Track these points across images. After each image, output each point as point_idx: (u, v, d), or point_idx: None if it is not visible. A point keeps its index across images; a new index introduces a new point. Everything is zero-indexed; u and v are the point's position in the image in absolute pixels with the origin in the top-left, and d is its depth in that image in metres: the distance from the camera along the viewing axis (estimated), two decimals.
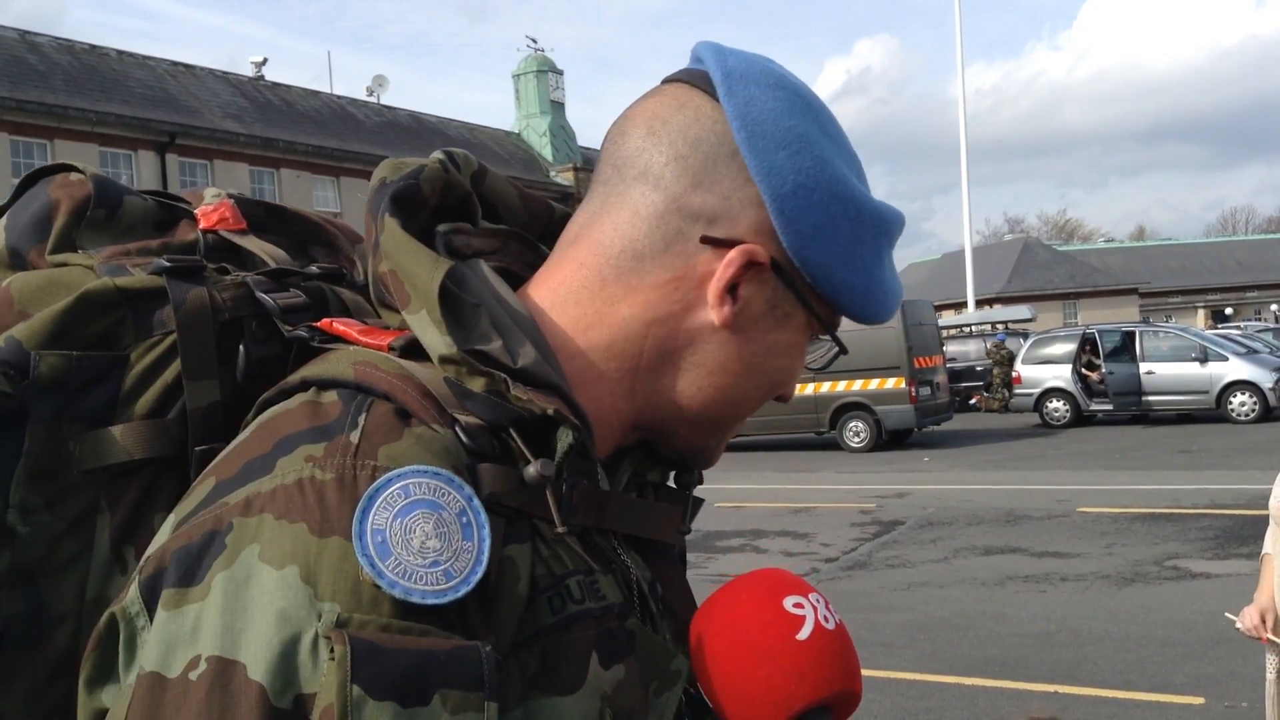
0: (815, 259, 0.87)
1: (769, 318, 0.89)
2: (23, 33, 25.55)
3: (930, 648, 7.10)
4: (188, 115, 26.31)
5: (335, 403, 0.79)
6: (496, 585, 0.75)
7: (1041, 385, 22.44)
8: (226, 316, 0.93)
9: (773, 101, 0.87)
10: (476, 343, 0.81)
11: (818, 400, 20.14)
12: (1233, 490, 12.42)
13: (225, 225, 1.01)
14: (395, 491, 0.72)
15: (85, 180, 0.99)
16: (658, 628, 0.89)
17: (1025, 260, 56.62)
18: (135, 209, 1.01)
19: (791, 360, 0.92)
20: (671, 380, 0.89)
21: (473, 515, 0.74)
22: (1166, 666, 6.43)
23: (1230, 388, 20.70)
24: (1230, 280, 63.51)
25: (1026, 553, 9.89)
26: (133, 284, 0.92)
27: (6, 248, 0.97)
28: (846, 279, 0.88)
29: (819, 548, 10.76)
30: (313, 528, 0.71)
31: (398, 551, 0.70)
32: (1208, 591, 8.08)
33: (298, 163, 28.13)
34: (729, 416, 0.93)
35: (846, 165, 0.89)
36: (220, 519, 0.73)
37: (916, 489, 14.45)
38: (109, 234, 0.98)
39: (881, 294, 0.91)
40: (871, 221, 0.89)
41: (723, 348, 0.89)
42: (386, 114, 34.51)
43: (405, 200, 0.89)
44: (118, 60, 27.15)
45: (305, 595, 0.68)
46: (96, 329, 0.90)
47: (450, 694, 0.68)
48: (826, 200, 0.86)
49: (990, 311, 37.68)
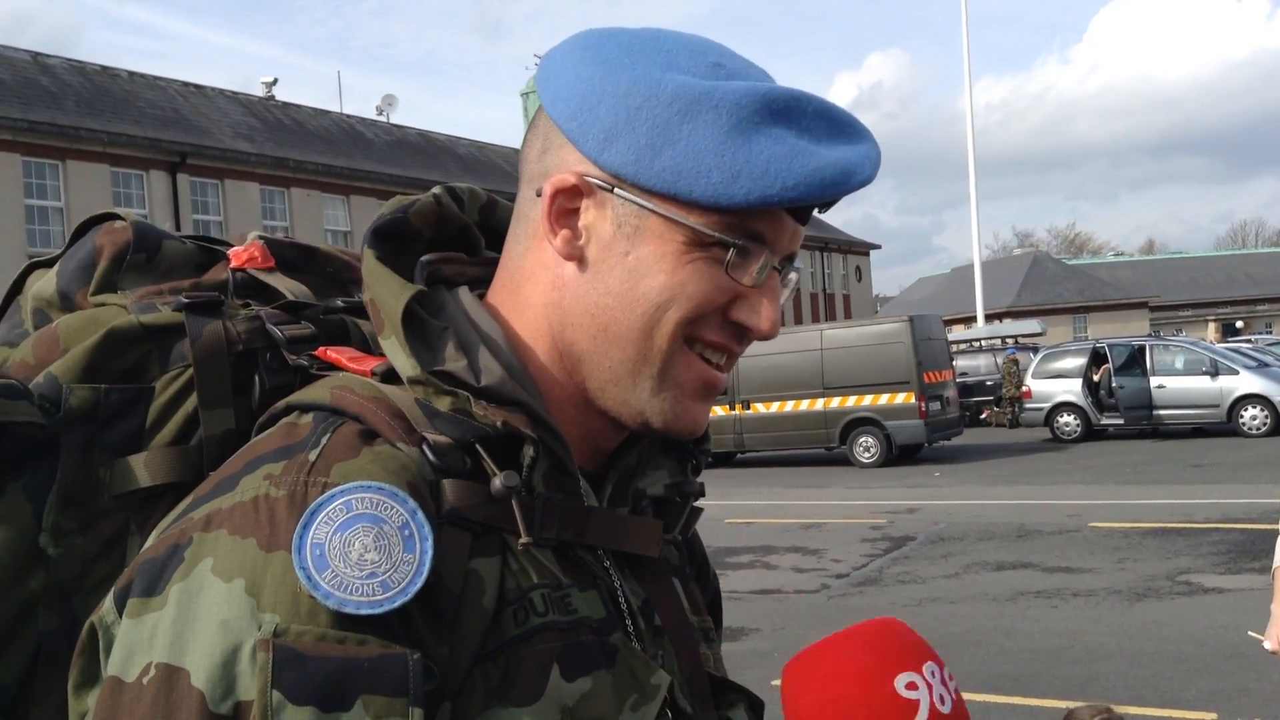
0: (621, 158, 0.86)
1: (620, 238, 0.87)
2: (34, 54, 25.74)
3: None
4: (198, 135, 26.45)
5: (308, 424, 0.84)
6: (461, 598, 0.79)
7: (1052, 400, 22.39)
8: (240, 348, 0.97)
9: (568, 57, 0.91)
10: (441, 364, 0.86)
11: (827, 415, 20.13)
12: (1244, 504, 12.37)
13: (254, 264, 1.06)
14: (337, 506, 0.76)
15: (127, 227, 1.05)
16: (645, 643, 0.91)
17: (1035, 274, 56.60)
18: (174, 252, 1.07)
19: (668, 275, 0.86)
20: (579, 346, 0.90)
21: (415, 528, 0.77)
22: (1178, 682, 6.40)
23: (1241, 401, 20.64)
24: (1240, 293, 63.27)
25: (1038, 568, 9.86)
26: (156, 320, 0.97)
27: (57, 291, 1.04)
28: (673, 163, 0.84)
29: (829, 563, 10.74)
30: (261, 542, 0.75)
31: (335, 564, 0.74)
32: (1220, 606, 8.04)
33: (308, 182, 28.22)
34: (631, 358, 0.88)
35: (661, 66, 0.87)
36: (184, 533, 0.78)
37: (927, 504, 14.41)
38: (150, 276, 1.04)
39: (736, 166, 0.83)
40: (690, 101, 0.84)
41: (590, 286, 0.88)
42: (396, 133, 34.65)
43: (390, 232, 0.96)
44: (129, 81, 27.34)
45: (249, 606, 0.73)
46: (125, 363, 0.96)
47: (373, 700, 0.71)
48: (617, 100, 0.86)
49: (1000, 326, 37.58)
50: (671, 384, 0.89)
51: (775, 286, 0.90)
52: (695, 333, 0.88)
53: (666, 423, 0.90)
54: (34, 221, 22.46)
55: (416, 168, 32.09)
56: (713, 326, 0.89)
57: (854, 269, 50.50)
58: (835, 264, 48.70)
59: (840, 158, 0.85)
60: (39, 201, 22.61)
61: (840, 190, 0.85)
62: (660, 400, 0.89)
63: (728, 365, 0.92)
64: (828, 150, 0.85)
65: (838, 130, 0.87)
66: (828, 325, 22.60)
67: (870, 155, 0.87)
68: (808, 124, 0.86)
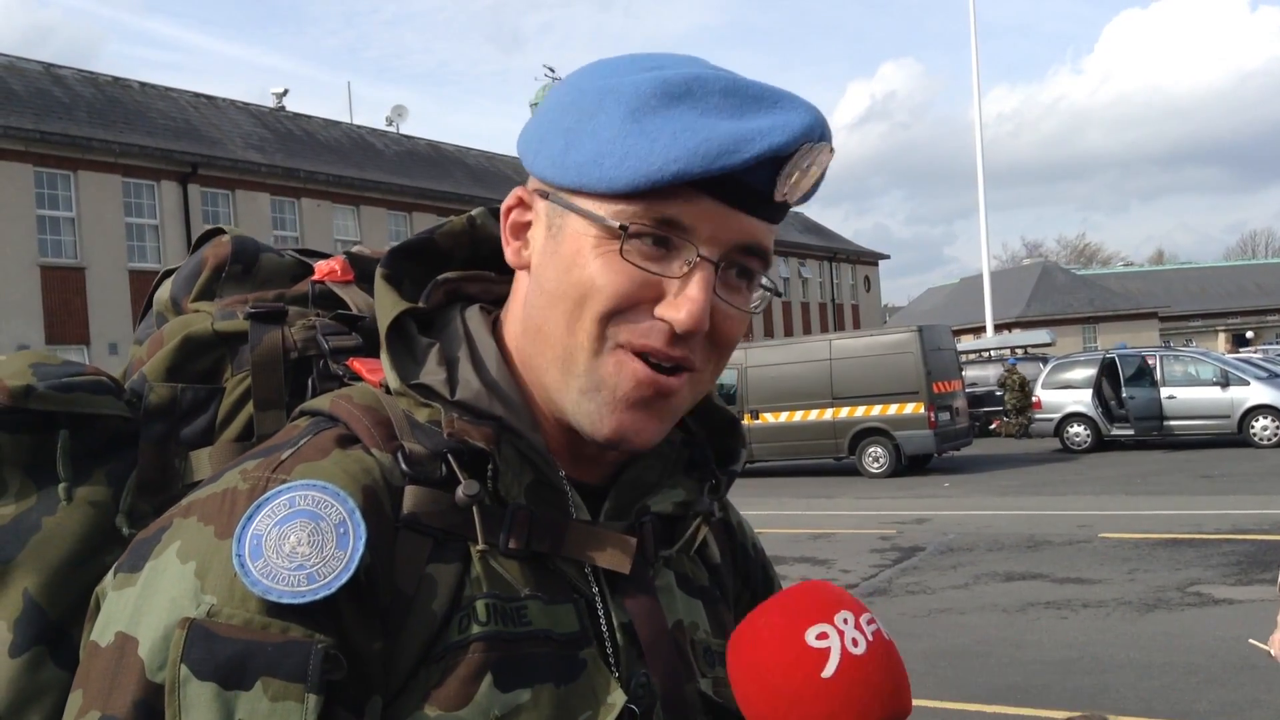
0: (545, 163, 0.90)
1: (550, 239, 0.89)
2: (47, 65, 25.88)
3: (951, 675, 7.05)
4: (209, 146, 26.56)
5: (302, 427, 0.91)
6: (413, 600, 0.83)
7: (1062, 410, 22.33)
8: (296, 355, 1.04)
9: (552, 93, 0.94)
10: (420, 377, 0.91)
11: (836, 426, 20.11)
12: (1255, 515, 12.32)
13: (333, 276, 1.14)
14: (281, 502, 0.81)
15: (228, 241, 1.15)
16: (627, 661, 0.91)
17: (1044, 284, 56.54)
18: (271, 264, 1.15)
19: (583, 269, 0.85)
20: (527, 352, 0.93)
21: (351, 527, 0.81)
22: (1189, 693, 6.37)
23: (1252, 412, 20.56)
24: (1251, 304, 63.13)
25: (1048, 579, 9.83)
26: (228, 327, 1.06)
27: (170, 298, 1.14)
28: (579, 158, 0.86)
29: (838, 574, 10.71)
30: (218, 530, 0.81)
31: (268, 554, 0.79)
32: (1230, 617, 8.01)
33: (318, 192, 28.30)
34: (560, 358, 0.88)
35: (597, 78, 0.89)
36: (169, 518, 0.85)
37: (936, 515, 14.37)
38: (246, 286, 1.13)
39: (626, 149, 0.83)
40: (597, 98, 0.86)
41: (533, 290, 0.91)
42: (406, 143, 34.75)
43: (414, 252, 1.02)
44: (140, 92, 27.46)
45: (194, 587, 0.79)
46: (203, 365, 1.05)
47: (272, 682, 0.75)
48: (550, 112, 0.91)
49: (1009, 336, 37.49)
50: (599, 386, 0.87)
51: (704, 280, 0.85)
52: (622, 333, 0.86)
53: (594, 428, 0.88)
54: (45, 231, 22.55)
55: (426, 178, 32.18)
56: (641, 327, 0.86)
57: (862, 279, 50.46)
58: (844, 274, 48.68)
59: (737, 129, 0.82)
60: (50, 212, 22.68)
61: (732, 160, 0.82)
62: (589, 403, 0.88)
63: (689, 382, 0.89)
64: (729, 123, 0.83)
65: (751, 104, 0.84)
66: (836, 335, 22.60)
67: (787, 123, 0.83)
68: (714, 102, 0.84)
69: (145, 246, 24.48)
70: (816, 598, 0.86)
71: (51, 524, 0.95)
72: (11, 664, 0.91)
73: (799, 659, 0.81)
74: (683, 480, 1.00)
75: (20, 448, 0.97)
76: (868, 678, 0.81)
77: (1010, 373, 26.58)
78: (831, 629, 0.82)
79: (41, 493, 0.96)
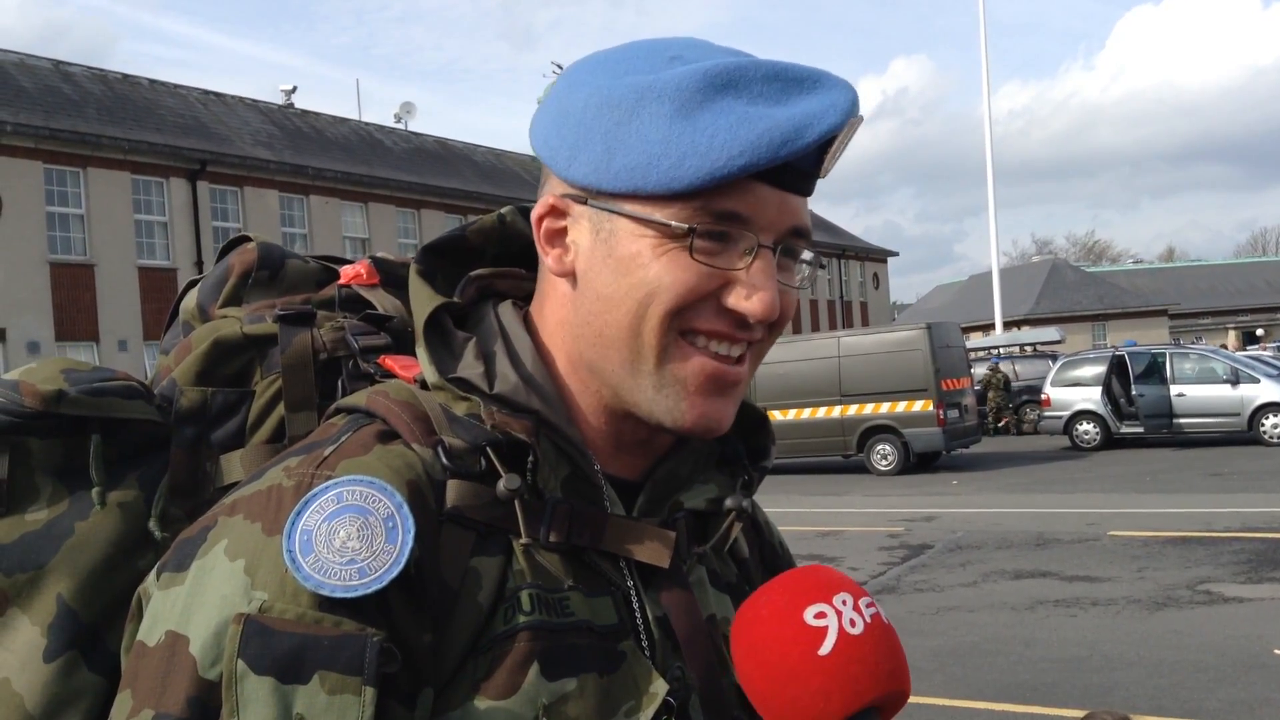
0: (585, 169, 0.88)
1: (599, 244, 0.89)
2: (56, 62, 25.96)
3: (960, 673, 7.05)
4: (218, 143, 26.62)
5: (340, 424, 0.91)
6: (458, 593, 0.83)
7: (1071, 408, 22.29)
8: (325, 356, 1.06)
9: (551, 92, 0.94)
10: (458, 371, 0.91)
11: (845, 423, 20.09)
12: (1265, 513, 12.28)
13: (359, 280, 1.15)
14: (330, 497, 0.81)
15: (254, 248, 1.17)
16: (663, 654, 0.92)
17: (1053, 282, 56.39)
18: (296, 270, 1.17)
19: (644, 270, 0.86)
20: (588, 356, 0.92)
21: (400, 521, 0.81)
22: (1199, 692, 6.35)
23: (1262, 410, 20.50)
24: (1260, 301, 62.96)
25: (1057, 577, 9.81)
26: (257, 330, 1.07)
27: (197, 305, 1.16)
28: (628, 162, 0.85)
29: (847, 572, 10.66)
30: (266, 527, 0.81)
31: (319, 550, 0.79)
32: (1240, 616, 7.99)
33: (326, 189, 28.36)
34: (627, 359, 0.89)
35: (616, 74, 0.89)
36: (213, 516, 0.85)
37: (945, 512, 14.36)
38: (272, 292, 1.15)
39: (682, 148, 0.83)
40: (635, 98, 0.85)
41: (584, 296, 0.91)
42: (414, 140, 34.79)
43: (445, 248, 1.02)
44: (150, 89, 27.54)
45: (244, 584, 0.79)
46: (232, 369, 1.07)
47: (329, 675, 0.76)
48: (576, 116, 0.89)
49: (1018, 333, 37.36)
50: (671, 379, 0.89)
51: (768, 267, 0.87)
52: (689, 324, 0.87)
53: (676, 421, 0.89)
54: (55, 228, 22.62)
55: (434, 175, 32.21)
56: (707, 316, 0.87)
57: (871, 276, 50.44)
58: (852, 271, 48.65)
59: (793, 114, 0.83)
60: (60, 209, 22.76)
61: (796, 147, 0.82)
62: (663, 397, 0.89)
63: (750, 356, 0.91)
64: (781, 110, 0.83)
65: (794, 87, 0.85)
66: (845, 332, 22.55)
67: (836, 102, 0.84)
68: (759, 89, 0.84)
69: (154, 243, 24.55)
70: (817, 579, 0.87)
71: (84, 529, 0.96)
72: (46, 669, 0.92)
73: (796, 636, 0.83)
74: (715, 476, 1.01)
75: (52, 453, 0.97)
76: (864, 657, 0.82)
77: (994, 372, 26.63)
78: (830, 609, 0.84)
79: (73, 498, 0.97)
